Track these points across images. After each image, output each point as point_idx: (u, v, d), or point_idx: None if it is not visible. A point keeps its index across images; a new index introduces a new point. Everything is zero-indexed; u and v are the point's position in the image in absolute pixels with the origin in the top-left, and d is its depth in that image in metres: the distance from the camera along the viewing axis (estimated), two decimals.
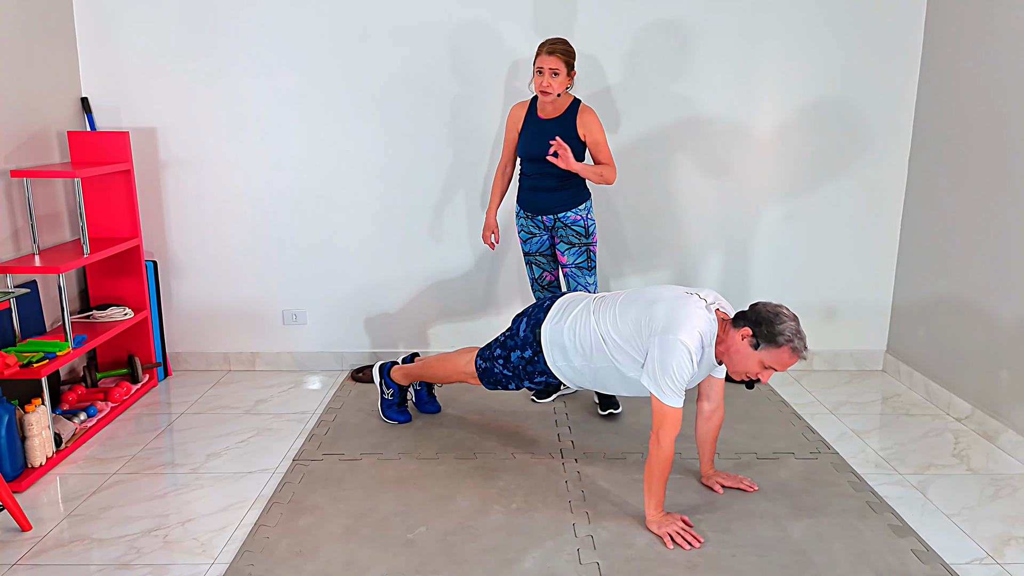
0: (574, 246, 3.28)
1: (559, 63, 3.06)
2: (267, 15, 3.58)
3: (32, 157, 3.29)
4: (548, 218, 3.27)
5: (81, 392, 3.42)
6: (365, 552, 2.33)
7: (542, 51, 3.08)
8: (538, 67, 3.08)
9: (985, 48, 3.19)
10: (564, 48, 3.07)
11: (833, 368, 3.97)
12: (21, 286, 3.16)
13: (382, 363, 3.32)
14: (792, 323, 2.30)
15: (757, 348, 2.32)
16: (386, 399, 3.27)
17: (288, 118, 3.68)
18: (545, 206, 3.25)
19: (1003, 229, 3.08)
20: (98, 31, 3.58)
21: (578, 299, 2.78)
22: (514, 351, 2.83)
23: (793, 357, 2.31)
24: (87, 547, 2.38)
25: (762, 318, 2.31)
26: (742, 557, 2.31)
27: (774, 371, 2.34)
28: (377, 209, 3.79)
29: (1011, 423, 3.03)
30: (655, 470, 2.42)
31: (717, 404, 2.65)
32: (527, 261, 3.40)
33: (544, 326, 2.75)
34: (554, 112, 3.19)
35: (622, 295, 2.67)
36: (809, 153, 3.75)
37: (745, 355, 2.34)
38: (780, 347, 2.29)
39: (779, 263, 3.87)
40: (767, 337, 2.29)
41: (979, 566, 2.30)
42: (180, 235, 3.80)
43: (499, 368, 2.88)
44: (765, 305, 2.35)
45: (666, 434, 2.38)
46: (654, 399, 2.40)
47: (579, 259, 3.29)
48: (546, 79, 3.07)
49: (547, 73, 3.06)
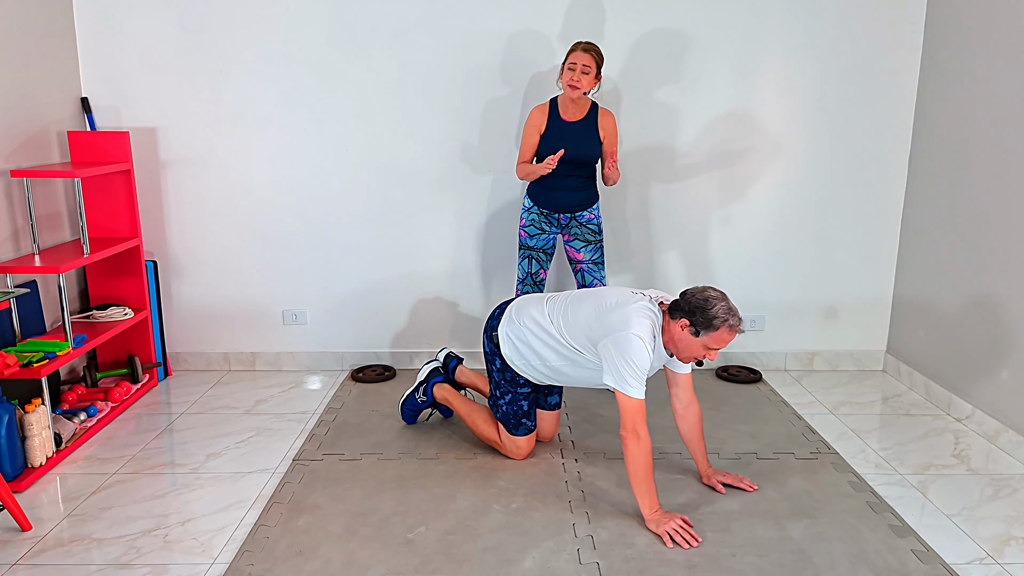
0: (590, 243, 3.39)
1: (591, 61, 3.12)
2: (267, 15, 3.58)
3: (32, 157, 3.30)
4: (565, 216, 3.36)
5: (81, 392, 3.42)
6: (365, 552, 2.33)
7: (576, 48, 3.14)
8: (570, 63, 3.13)
9: (985, 47, 3.19)
10: (597, 49, 3.16)
11: (833, 368, 3.97)
12: (21, 286, 3.16)
13: (436, 367, 3.26)
14: (722, 303, 2.41)
15: (698, 335, 2.42)
16: (415, 399, 3.21)
17: (288, 118, 3.68)
18: (566, 205, 3.33)
19: (1003, 229, 3.08)
20: (98, 31, 3.58)
21: (531, 300, 2.84)
22: (492, 374, 2.90)
23: (731, 333, 2.42)
24: (87, 547, 2.38)
25: (694, 307, 2.42)
26: (741, 557, 2.31)
27: (718, 349, 2.44)
28: (377, 209, 3.79)
29: (1011, 423, 3.03)
30: (640, 465, 2.45)
31: (689, 399, 2.69)
32: (528, 256, 3.42)
33: (500, 328, 2.81)
34: (577, 114, 3.25)
35: (571, 296, 2.75)
36: (809, 152, 3.75)
37: (688, 342, 2.45)
38: (717, 329, 2.40)
39: (779, 263, 3.87)
40: (704, 324, 2.40)
41: (979, 566, 2.30)
42: (180, 235, 3.80)
43: (500, 403, 2.88)
44: (693, 293, 2.45)
45: (639, 425, 2.44)
46: (619, 395, 2.46)
47: (595, 255, 3.41)
48: (577, 75, 3.11)
49: (579, 69, 3.11)
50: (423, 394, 3.19)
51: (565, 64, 3.17)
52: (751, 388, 3.68)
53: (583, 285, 3.46)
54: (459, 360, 3.29)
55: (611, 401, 3.45)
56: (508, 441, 2.91)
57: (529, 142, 3.30)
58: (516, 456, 2.92)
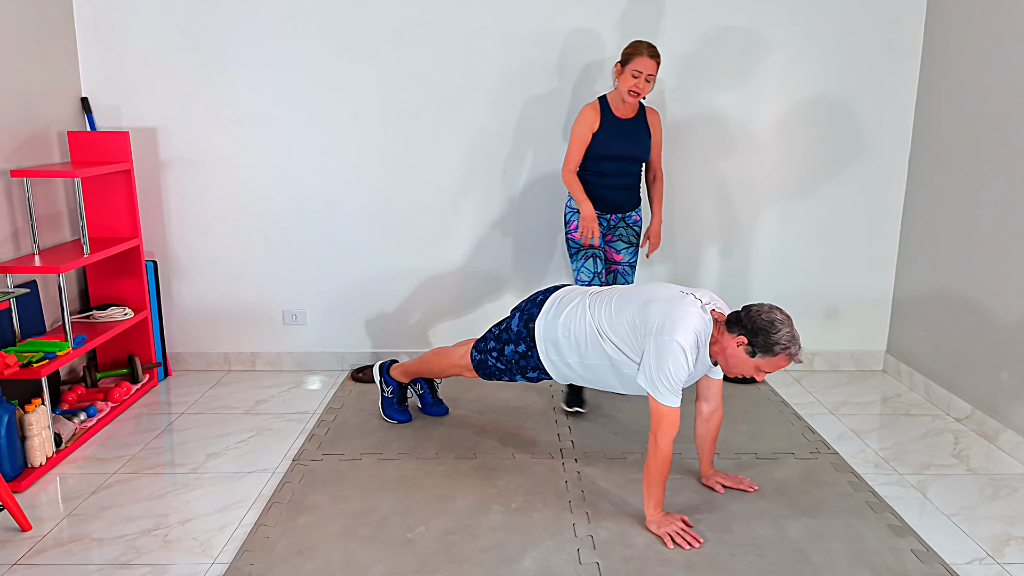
0: (632, 245, 3.36)
1: (656, 68, 3.06)
2: (267, 15, 3.58)
3: (32, 157, 3.30)
4: (615, 217, 3.31)
5: (81, 392, 3.42)
6: (365, 552, 2.33)
7: (641, 53, 3.04)
8: (635, 69, 3.05)
9: (985, 46, 3.19)
10: (659, 53, 3.08)
11: (833, 368, 3.97)
12: (21, 286, 3.16)
13: (382, 362, 3.32)
14: (787, 330, 2.29)
15: (753, 356, 2.32)
16: (386, 397, 3.27)
17: (288, 117, 3.68)
18: (620, 204, 3.29)
19: (1004, 229, 3.08)
20: (98, 31, 3.58)
21: (573, 294, 2.74)
22: (508, 344, 2.82)
23: (789, 361, 2.32)
24: (87, 547, 2.38)
25: (758, 328, 2.29)
26: (741, 557, 2.31)
27: (768, 372, 2.36)
28: (377, 208, 3.79)
29: (1011, 423, 3.03)
30: (653, 470, 2.42)
31: (716, 405, 2.64)
32: (590, 254, 3.26)
33: (538, 321, 2.72)
34: (629, 112, 3.22)
35: (617, 292, 2.64)
36: (809, 152, 3.75)
37: (741, 359, 2.35)
38: (777, 355, 2.30)
39: (779, 263, 3.87)
40: (764, 347, 2.29)
41: (978, 566, 2.30)
42: (180, 235, 3.80)
43: (492, 361, 2.87)
44: (759, 312, 2.32)
45: (664, 434, 2.38)
46: (651, 399, 2.40)
47: (632, 258, 3.38)
48: (641, 82, 3.06)
49: (643, 77, 3.05)
50: (387, 385, 3.26)
51: (628, 68, 3.06)
52: (751, 388, 3.68)
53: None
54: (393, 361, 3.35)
55: (612, 400, 3.45)
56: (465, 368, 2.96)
57: (581, 140, 3.19)
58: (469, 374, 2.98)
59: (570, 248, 3.31)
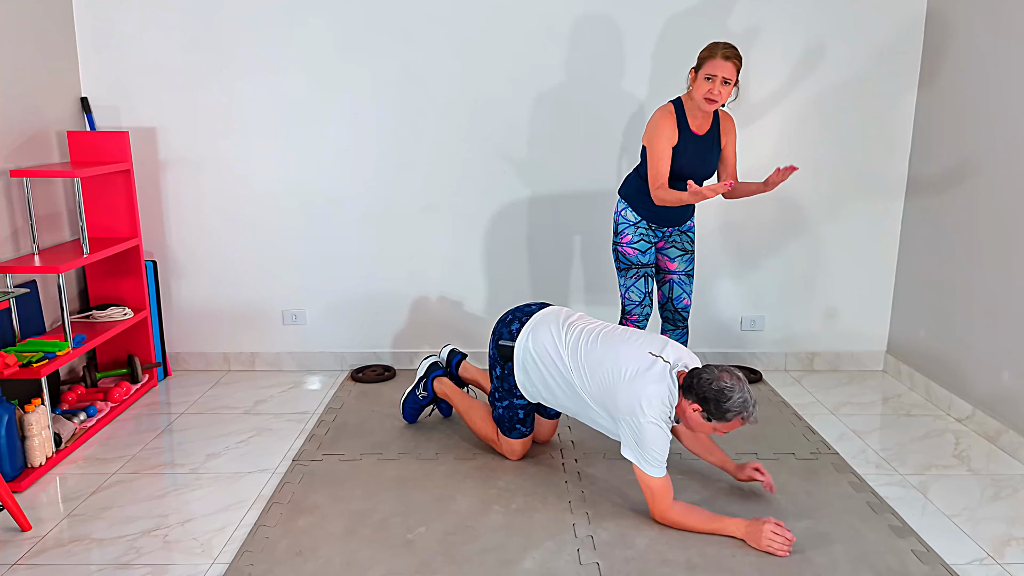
0: (688, 253, 3.16)
1: (733, 71, 2.76)
2: (267, 15, 3.57)
3: (32, 157, 3.29)
4: (672, 229, 3.12)
5: (81, 392, 3.41)
6: (365, 552, 2.33)
7: (715, 55, 2.76)
8: (709, 73, 2.77)
9: (986, 45, 3.19)
10: (738, 55, 2.79)
11: (834, 369, 3.97)
12: (21, 286, 3.16)
13: (435, 361, 3.23)
14: (738, 396, 2.31)
15: (709, 420, 2.37)
16: (416, 396, 3.20)
17: (288, 117, 3.68)
18: (678, 218, 3.08)
19: (1004, 230, 3.08)
20: (98, 31, 3.58)
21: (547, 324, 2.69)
22: (493, 376, 2.84)
23: (744, 422, 2.36)
24: (87, 547, 2.38)
25: (707, 396, 2.32)
26: (742, 557, 2.31)
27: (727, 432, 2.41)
28: (377, 209, 3.78)
29: (1012, 424, 3.03)
30: (694, 523, 2.42)
31: None
32: (642, 274, 3.08)
33: (516, 350, 2.71)
34: (705, 124, 2.94)
35: (589, 337, 2.60)
36: (809, 153, 3.75)
37: (698, 422, 2.39)
38: (730, 421, 2.34)
39: (779, 263, 3.86)
40: (716, 414, 2.33)
41: (979, 567, 2.29)
42: (180, 235, 3.80)
43: (497, 407, 2.85)
44: (709, 381, 2.32)
45: (665, 507, 2.43)
46: (638, 471, 2.45)
47: (688, 266, 3.18)
48: (716, 87, 2.76)
49: (718, 81, 2.75)
50: (424, 389, 3.18)
51: (701, 72, 2.79)
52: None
53: (668, 299, 3.19)
54: (463, 356, 3.27)
55: None
56: (504, 442, 2.90)
57: (665, 157, 2.86)
58: (511, 457, 2.91)
59: (620, 263, 3.11)
